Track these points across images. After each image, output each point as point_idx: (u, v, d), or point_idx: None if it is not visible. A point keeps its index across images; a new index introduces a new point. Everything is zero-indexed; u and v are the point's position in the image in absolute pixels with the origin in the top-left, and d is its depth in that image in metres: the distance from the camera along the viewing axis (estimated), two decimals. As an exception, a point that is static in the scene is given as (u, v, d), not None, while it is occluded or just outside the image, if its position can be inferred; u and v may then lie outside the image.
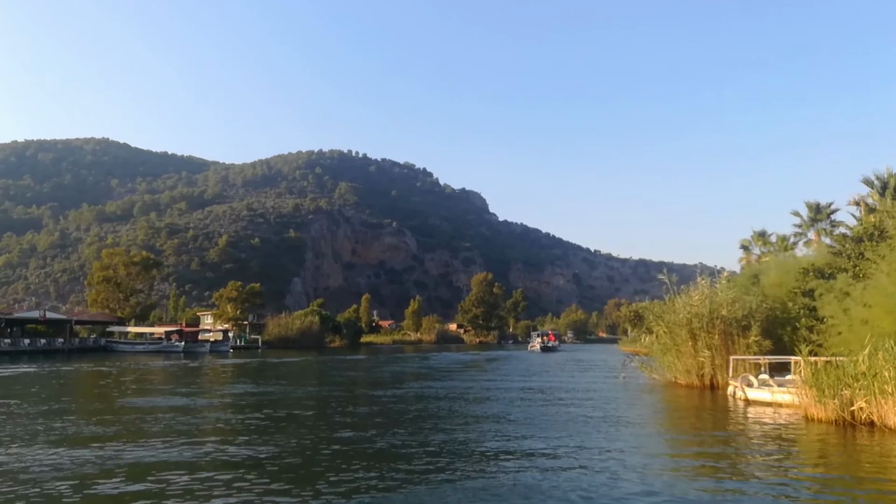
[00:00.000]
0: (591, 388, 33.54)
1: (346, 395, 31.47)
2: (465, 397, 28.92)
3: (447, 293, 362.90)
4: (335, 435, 18.26)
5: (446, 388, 32.92)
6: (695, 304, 30.88)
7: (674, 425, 21.52)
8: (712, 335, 29.92)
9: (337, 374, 48.61)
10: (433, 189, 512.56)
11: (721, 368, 29.89)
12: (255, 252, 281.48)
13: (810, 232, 66.23)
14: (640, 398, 29.15)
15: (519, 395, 29.79)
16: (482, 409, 24.45)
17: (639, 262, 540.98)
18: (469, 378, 42.05)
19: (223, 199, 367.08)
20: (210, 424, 21.04)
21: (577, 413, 23.07)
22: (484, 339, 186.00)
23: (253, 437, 18.01)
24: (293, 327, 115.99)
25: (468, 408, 25.07)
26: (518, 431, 18.66)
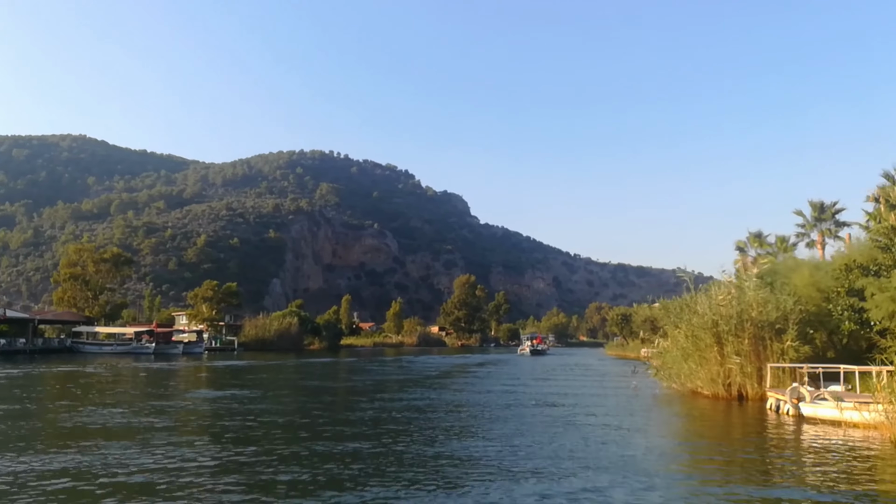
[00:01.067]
0: (603, 399, 30.13)
1: (322, 410, 26.12)
2: (469, 413, 24.86)
3: (428, 296, 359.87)
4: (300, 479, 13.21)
5: (442, 401, 29.03)
6: (722, 305, 27.39)
7: (725, 453, 17.06)
8: (741, 339, 26.45)
9: (313, 380, 44.77)
10: (415, 191, 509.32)
11: (751, 377, 26.45)
12: (233, 252, 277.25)
13: (813, 232, 63.19)
14: (664, 412, 25.76)
15: (530, 410, 26.11)
16: (494, 430, 20.45)
17: (618, 266, 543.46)
18: (465, 387, 38.01)
19: (202, 198, 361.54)
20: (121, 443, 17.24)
21: (611, 438, 18.96)
22: (466, 342, 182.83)
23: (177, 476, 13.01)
24: (271, 329, 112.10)
25: (478, 429, 21.13)
26: (548, 470, 14.59)
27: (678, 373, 30.46)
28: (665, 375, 32.49)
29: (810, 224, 62.83)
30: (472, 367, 65.60)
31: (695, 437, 19.92)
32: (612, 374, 56.90)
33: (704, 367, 27.76)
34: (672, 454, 16.71)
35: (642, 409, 26.50)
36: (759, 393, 26.56)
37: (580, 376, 51.28)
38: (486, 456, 15.32)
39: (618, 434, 19.33)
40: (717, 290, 29.32)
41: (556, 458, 15.21)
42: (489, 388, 36.20)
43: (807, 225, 62.92)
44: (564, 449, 16.51)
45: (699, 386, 28.68)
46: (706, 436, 20.00)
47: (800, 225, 63.28)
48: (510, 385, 39.39)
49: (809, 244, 63.21)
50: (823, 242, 61.95)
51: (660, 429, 21.12)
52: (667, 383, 32.19)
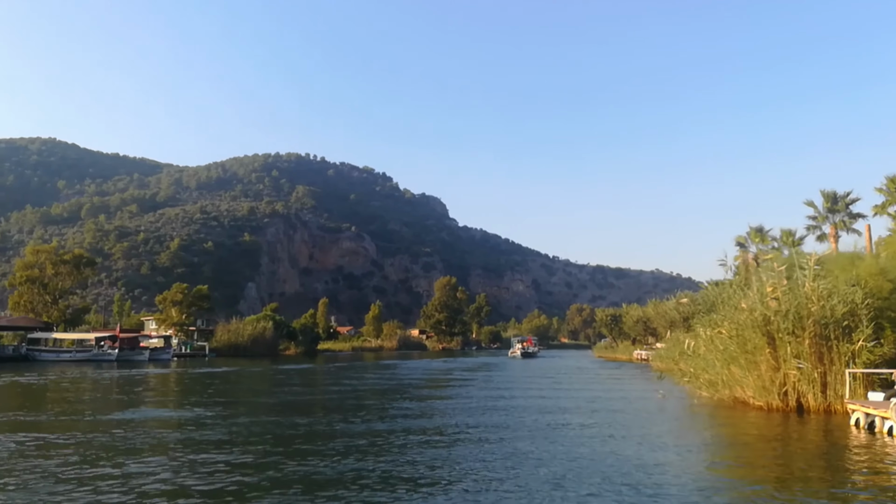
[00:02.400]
0: (632, 411, 25.46)
1: (288, 445, 17.93)
2: (480, 436, 19.55)
3: (407, 299, 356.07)
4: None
5: (453, 423, 23.62)
6: (774, 298, 22.68)
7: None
8: (801, 339, 21.81)
9: (285, 389, 39.61)
10: (393, 194, 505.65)
11: (815, 384, 21.79)
12: (208, 256, 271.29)
13: (825, 225, 59.02)
14: (716, 430, 21.01)
15: (545, 424, 21.29)
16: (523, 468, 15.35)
17: (596, 268, 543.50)
18: (469, 399, 32.73)
19: (176, 201, 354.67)
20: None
21: (672, 474, 14.09)
22: (447, 346, 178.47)
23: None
24: (244, 334, 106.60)
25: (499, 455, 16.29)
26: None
27: (715, 379, 25.71)
28: (697, 382, 27.72)
29: (822, 216, 58.73)
30: (464, 373, 60.83)
31: (787, 475, 14.33)
32: (618, 378, 52.24)
33: (753, 373, 23.06)
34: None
35: (685, 424, 21.81)
36: (824, 404, 21.94)
37: (590, 382, 46.60)
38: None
39: (678, 462, 14.74)
40: (763, 280, 24.62)
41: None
42: (499, 400, 31.26)
43: (819, 217, 58.81)
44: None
45: (746, 395, 23.97)
46: (800, 472, 14.72)
47: (811, 217, 59.21)
48: (519, 395, 34.59)
49: (821, 237, 59.16)
50: (836, 235, 57.83)
51: (730, 457, 16.33)
52: (704, 392, 27.47)
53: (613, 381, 46.90)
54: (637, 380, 48.32)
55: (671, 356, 59.71)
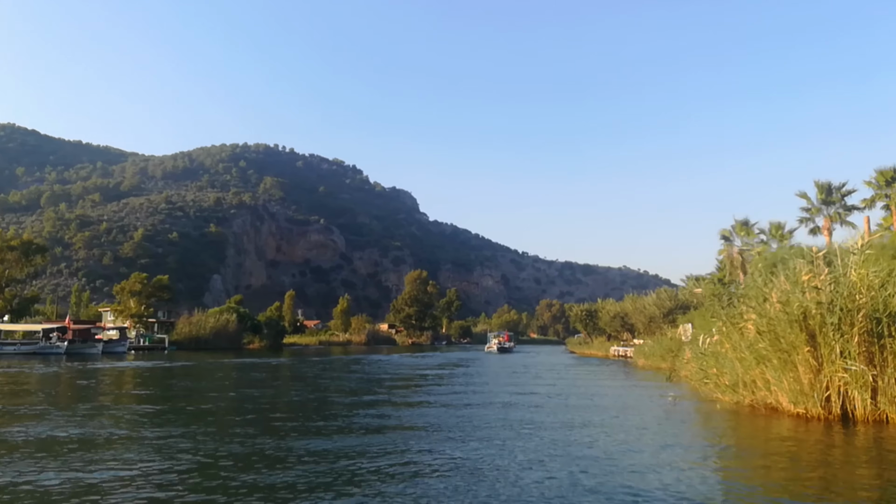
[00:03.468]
0: (641, 418, 21.80)
1: (226, 460, 13.96)
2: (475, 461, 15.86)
3: (376, 293, 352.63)
4: None
5: (423, 422, 20.37)
6: (814, 287, 19.19)
7: None
8: (848, 336, 18.41)
9: (243, 389, 35.45)
10: (363, 187, 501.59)
11: (865, 389, 18.37)
12: (172, 247, 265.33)
13: (819, 218, 56.11)
14: (747, 438, 17.47)
15: (549, 437, 17.63)
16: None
17: (564, 264, 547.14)
18: (451, 399, 28.98)
19: (141, 191, 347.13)
20: None
21: None
22: (417, 340, 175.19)
23: None
24: (206, 326, 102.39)
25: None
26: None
27: (737, 381, 22.17)
28: (716, 384, 24.18)
29: (816, 208, 55.81)
30: (440, 369, 57.05)
31: (835, 496, 11.12)
32: (606, 376, 48.86)
33: (789, 375, 19.55)
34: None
35: (714, 436, 18.23)
36: (875, 412, 18.52)
37: (580, 381, 43.02)
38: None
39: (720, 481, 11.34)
40: (803, 265, 21.14)
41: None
42: (484, 402, 27.54)
43: (812, 209, 55.87)
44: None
45: (780, 400, 20.43)
46: (849, 492, 11.34)
47: (804, 209, 56.24)
48: (507, 395, 30.94)
49: (813, 230, 56.26)
50: (831, 228, 54.96)
51: (777, 476, 12.80)
52: (722, 395, 23.95)
53: (604, 381, 43.37)
54: (626, 378, 44.93)
55: (656, 353, 56.94)
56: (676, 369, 37.33)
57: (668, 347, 52.42)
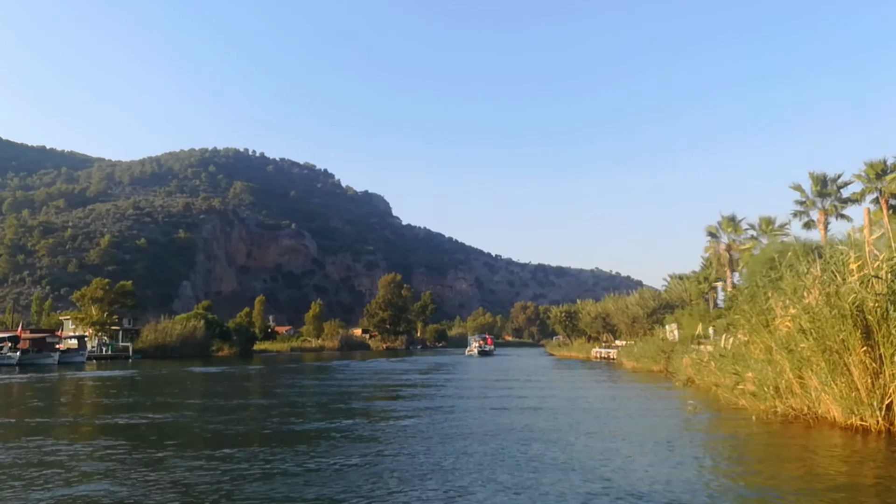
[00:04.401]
0: (666, 432, 19.19)
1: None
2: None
3: (349, 298, 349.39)
4: None
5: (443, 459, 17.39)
6: (877, 275, 16.49)
7: None
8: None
9: (196, 398, 32.61)
10: (334, 191, 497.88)
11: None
12: (140, 253, 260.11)
13: (813, 211, 54.09)
14: (803, 458, 14.78)
15: (581, 460, 14.97)
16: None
17: (538, 266, 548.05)
18: (446, 414, 26.13)
19: (108, 197, 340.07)
20: None
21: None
22: (391, 345, 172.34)
23: None
24: (173, 333, 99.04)
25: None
26: None
27: (776, 387, 19.43)
28: (747, 392, 21.40)
29: (811, 201, 53.80)
30: (422, 376, 54.36)
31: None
32: (599, 380, 46.38)
33: (840, 380, 16.84)
34: None
35: (771, 456, 15.56)
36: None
37: (576, 386, 40.55)
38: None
39: None
40: (843, 253, 18.52)
41: None
42: (486, 414, 24.83)
43: (807, 202, 53.87)
44: None
45: (827, 410, 17.67)
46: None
47: (799, 202, 54.27)
48: (512, 404, 28.28)
49: (808, 224, 54.24)
50: (826, 222, 52.98)
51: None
52: (735, 399, 21.30)
53: (602, 386, 40.76)
54: (622, 383, 42.39)
55: (647, 354, 54.50)
56: (689, 374, 34.56)
57: (660, 348, 50.10)
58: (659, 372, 48.03)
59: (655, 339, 54.95)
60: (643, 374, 49.93)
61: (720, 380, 25.52)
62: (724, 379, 24.35)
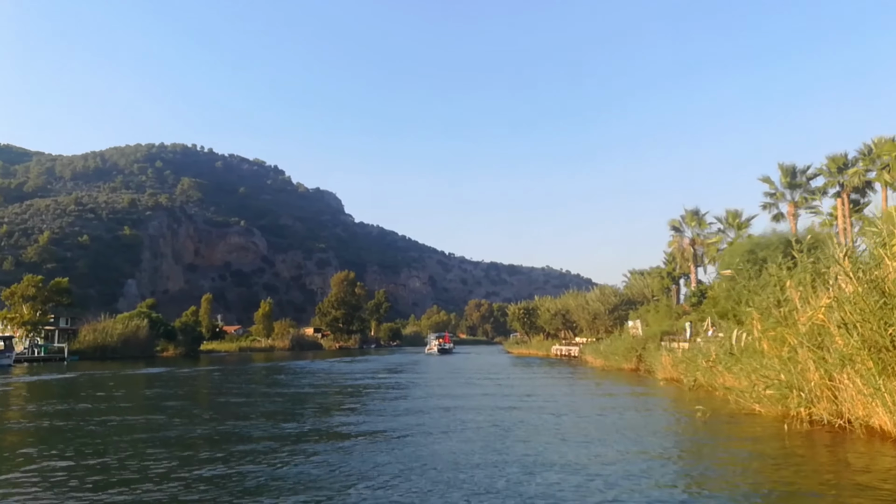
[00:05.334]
0: (676, 443, 16.19)
1: None
2: None
3: (300, 297, 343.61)
4: None
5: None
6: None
7: None
8: None
9: (123, 415, 28.91)
10: (285, 188, 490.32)
11: None
12: (83, 251, 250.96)
13: (782, 204, 52.11)
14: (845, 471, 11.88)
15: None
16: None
17: (490, 264, 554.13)
18: (418, 422, 22.92)
19: (47, 192, 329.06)
20: None
21: None
22: (345, 344, 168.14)
23: None
24: (113, 333, 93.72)
25: None
26: None
27: (794, 388, 16.52)
28: (756, 393, 18.51)
29: (780, 193, 51.80)
30: (385, 375, 50.94)
31: None
32: (572, 379, 43.39)
33: (893, 383, 13.99)
34: None
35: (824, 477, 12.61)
36: None
37: (556, 387, 37.40)
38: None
39: None
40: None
41: None
42: (459, 419, 21.65)
43: (777, 194, 51.87)
44: None
45: (865, 416, 14.83)
46: None
47: (768, 194, 52.31)
48: (493, 408, 25.06)
49: (776, 217, 52.27)
50: (796, 214, 51.01)
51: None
52: (761, 408, 18.41)
53: (582, 388, 37.38)
54: (601, 383, 39.30)
55: (617, 352, 51.71)
56: (670, 374, 31.77)
57: (631, 346, 47.39)
58: (631, 370, 45.47)
59: (626, 337, 52.26)
60: (613, 372, 47.28)
61: (728, 380, 22.63)
62: (732, 380, 21.55)
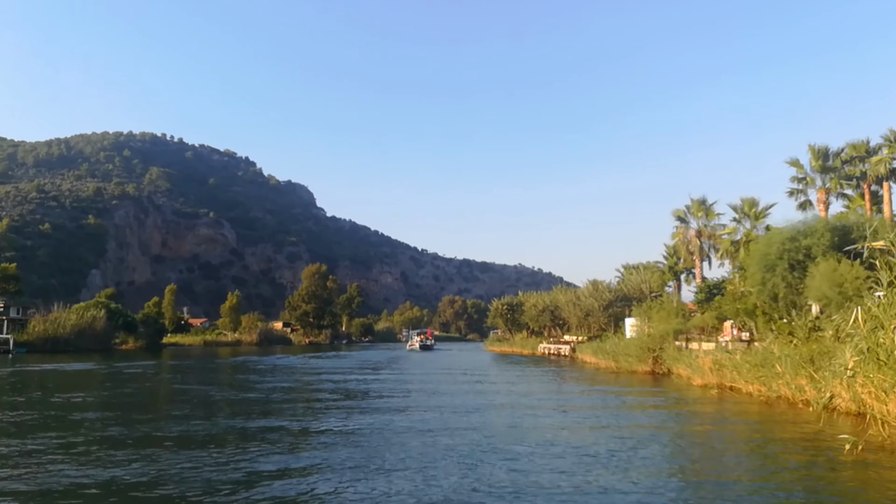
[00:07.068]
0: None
1: None
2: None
3: (269, 290, 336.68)
4: None
5: None
6: None
7: None
8: None
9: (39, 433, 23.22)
10: (256, 179, 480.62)
11: None
12: (44, 239, 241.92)
13: (811, 191, 47.06)
14: None
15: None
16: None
17: (463, 261, 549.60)
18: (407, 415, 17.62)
19: (8, 178, 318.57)
20: None
21: None
22: (315, 339, 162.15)
23: None
24: (67, 324, 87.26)
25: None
26: None
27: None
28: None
29: (810, 178, 46.75)
30: (364, 373, 45.61)
31: None
32: (584, 381, 38.13)
33: None
34: None
35: None
36: None
37: (590, 396, 31.85)
38: None
39: None
40: None
41: None
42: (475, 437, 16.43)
43: (807, 179, 46.78)
44: None
45: None
46: None
47: (797, 178, 47.16)
48: (523, 430, 19.76)
49: (803, 204, 47.15)
50: (827, 201, 45.98)
51: None
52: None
53: (610, 396, 31.55)
54: (619, 386, 34.18)
55: (630, 352, 46.24)
56: (713, 379, 26.42)
57: (646, 346, 42.11)
58: (646, 373, 40.42)
59: (640, 336, 46.95)
60: (625, 375, 42.10)
61: (869, 395, 17.10)
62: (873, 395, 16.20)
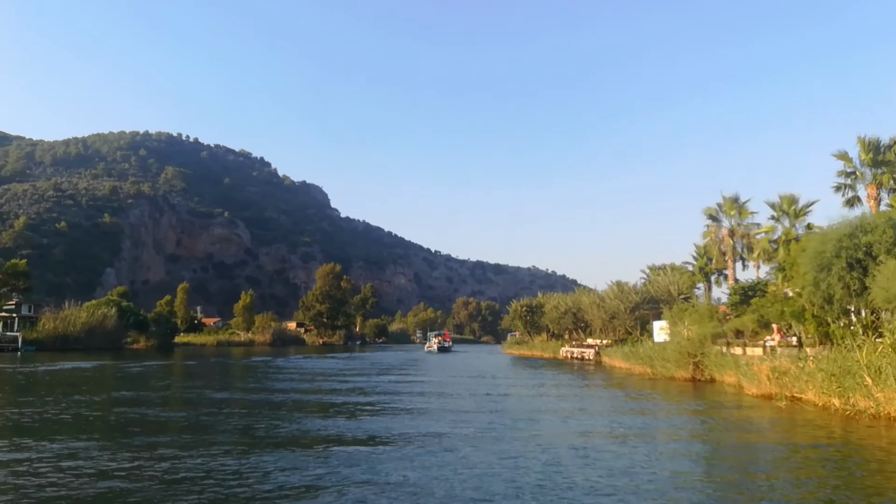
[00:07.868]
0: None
1: None
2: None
3: (283, 291, 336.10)
4: None
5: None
6: None
7: None
8: None
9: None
10: (271, 180, 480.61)
11: None
12: (60, 238, 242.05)
13: (860, 186, 44.60)
14: None
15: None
16: None
17: (476, 263, 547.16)
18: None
19: (26, 177, 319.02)
20: None
21: None
22: (328, 340, 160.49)
23: None
24: (77, 322, 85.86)
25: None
26: None
27: None
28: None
29: (860, 172, 44.32)
30: (390, 381, 43.45)
31: None
32: (645, 399, 35.39)
33: None
34: None
35: None
36: None
37: (650, 409, 29.06)
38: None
39: None
40: None
41: None
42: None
43: (857, 173, 44.33)
44: None
45: None
46: None
47: (845, 173, 44.74)
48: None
49: (851, 201, 44.64)
50: (878, 196, 43.49)
51: None
52: None
53: (674, 406, 29.08)
54: (666, 397, 31.91)
55: (669, 357, 43.17)
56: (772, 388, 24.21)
57: (686, 351, 39.72)
58: (685, 380, 38.26)
59: (678, 340, 44.33)
60: (663, 381, 39.83)
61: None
62: None
